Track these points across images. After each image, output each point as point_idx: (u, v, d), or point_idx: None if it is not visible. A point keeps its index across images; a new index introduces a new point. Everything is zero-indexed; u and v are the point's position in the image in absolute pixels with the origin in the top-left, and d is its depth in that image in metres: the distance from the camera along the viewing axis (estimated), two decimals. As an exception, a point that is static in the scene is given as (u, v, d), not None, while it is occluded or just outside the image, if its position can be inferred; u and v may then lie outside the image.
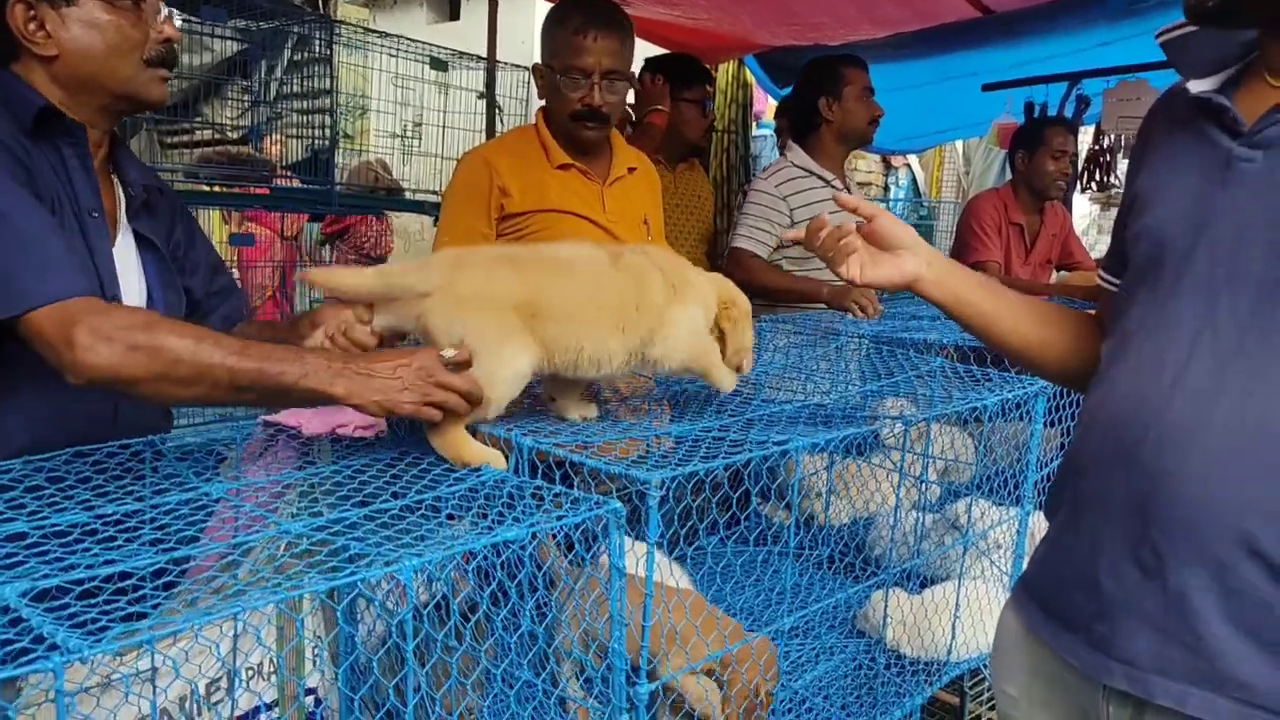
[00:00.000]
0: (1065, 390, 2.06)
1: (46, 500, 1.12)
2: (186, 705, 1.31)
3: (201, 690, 1.33)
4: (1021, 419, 1.90)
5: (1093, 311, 1.28)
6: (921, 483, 1.98)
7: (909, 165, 9.31)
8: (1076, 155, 3.86)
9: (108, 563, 0.93)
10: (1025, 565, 1.22)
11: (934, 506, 2.11)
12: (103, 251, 1.38)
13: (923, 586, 1.84)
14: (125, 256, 1.46)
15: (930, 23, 3.98)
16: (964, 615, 1.76)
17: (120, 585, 0.89)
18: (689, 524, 1.29)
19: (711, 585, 1.52)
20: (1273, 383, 0.91)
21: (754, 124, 5.99)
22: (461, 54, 3.94)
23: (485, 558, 1.21)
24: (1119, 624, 0.99)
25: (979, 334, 1.25)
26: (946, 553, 1.93)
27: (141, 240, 1.49)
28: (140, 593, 0.88)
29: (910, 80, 4.45)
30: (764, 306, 2.91)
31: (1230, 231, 0.96)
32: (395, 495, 1.15)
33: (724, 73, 5.52)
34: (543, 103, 2.33)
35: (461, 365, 1.23)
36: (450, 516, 1.17)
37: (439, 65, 3.87)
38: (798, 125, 3.25)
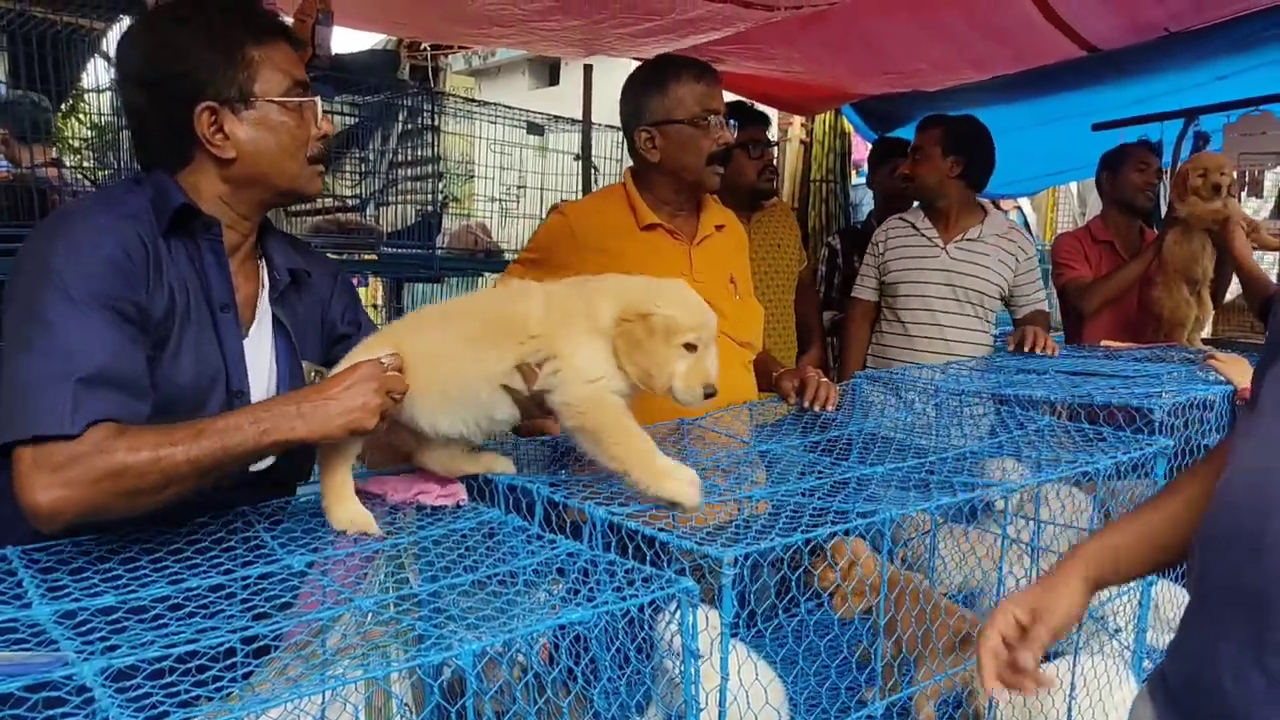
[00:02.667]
0: (1187, 449, 1.91)
1: (136, 573, 1.16)
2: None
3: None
4: (1141, 479, 1.77)
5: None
6: (1032, 550, 1.86)
7: (1020, 208, 9.03)
8: (1162, 171, 3.76)
9: (189, 641, 0.94)
10: (1150, 640, 1.12)
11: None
12: (232, 346, 1.43)
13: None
14: (259, 344, 1.50)
15: (1034, 64, 3.87)
16: (1080, 694, 1.63)
17: (192, 665, 0.90)
18: (767, 600, 1.24)
19: (793, 667, 1.45)
20: None
21: (854, 172, 5.92)
22: (558, 118, 4.03)
23: (558, 634, 1.18)
24: None
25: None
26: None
27: (278, 324, 1.54)
28: (210, 673, 0.88)
29: (1016, 123, 4.32)
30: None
31: None
32: (467, 569, 1.14)
33: (821, 122, 5.49)
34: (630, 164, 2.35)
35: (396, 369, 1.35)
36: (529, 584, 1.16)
37: (535, 130, 3.96)
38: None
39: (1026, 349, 2.67)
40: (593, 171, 4.29)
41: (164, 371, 1.34)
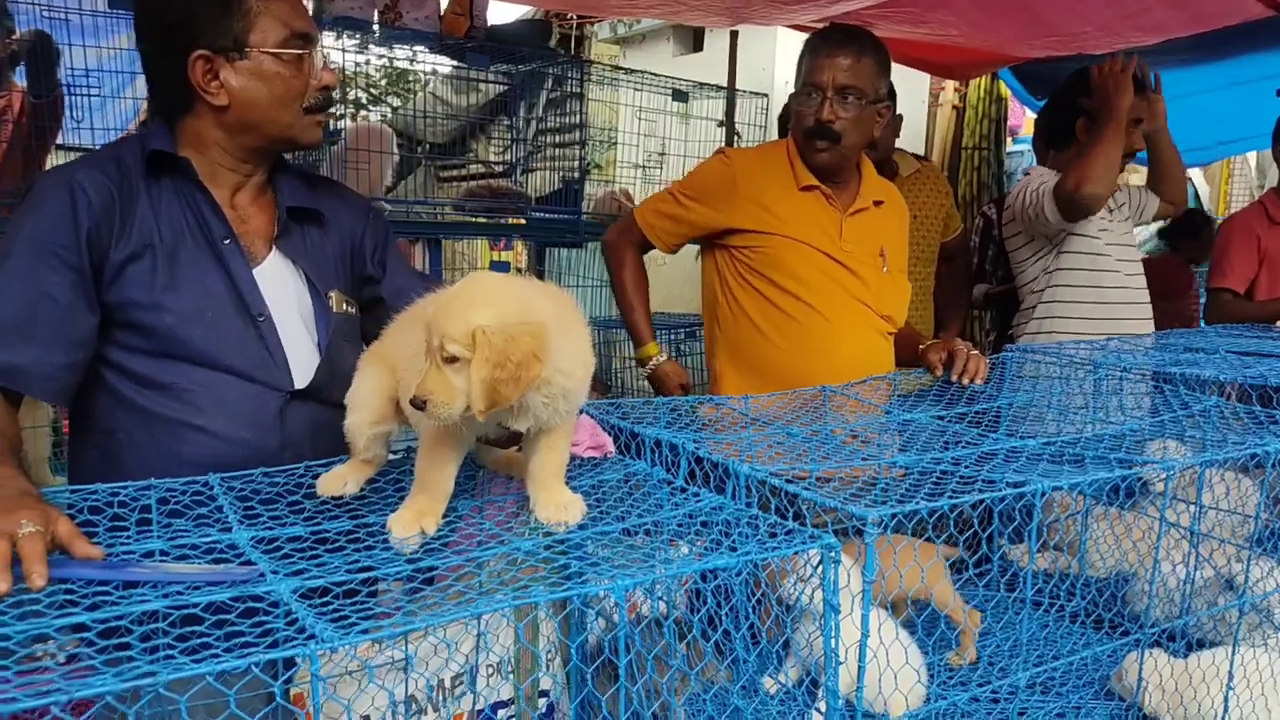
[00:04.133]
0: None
1: (320, 507, 1.26)
2: (433, 695, 1.42)
3: (446, 682, 1.44)
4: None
5: None
6: (1191, 535, 1.78)
7: (1190, 179, 8.44)
8: None
9: (365, 569, 1.03)
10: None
11: (1206, 563, 1.89)
12: (241, 274, 1.51)
13: (1190, 650, 1.65)
14: (277, 274, 1.57)
15: (1211, 26, 3.60)
16: (1239, 687, 1.56)
17: (372, 589, 0.99)
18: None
19: (934, 633, 1.44)
20: None
21: (1009, 139, 5.68)
22: (702, 85, 4.04)
23: (704, 580, 1.22)
24: None
25: None
26: (1220, 615, 1.73)
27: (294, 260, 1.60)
28: (386, 596, 0.97)
29: (1191, 87, 4.05)
30: None
31: None
32: (614, 519, 1.19)
33: (975, 87, 5.29)
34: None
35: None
36: (672, 541, 1.21)
37: (680, 97, 3.99)
38: (1051, 137, 3.06)
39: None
40: (735, 138, 4.29)
41: (162, 301, 1.44)
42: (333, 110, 1.77)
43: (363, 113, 5.68)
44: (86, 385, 1.46)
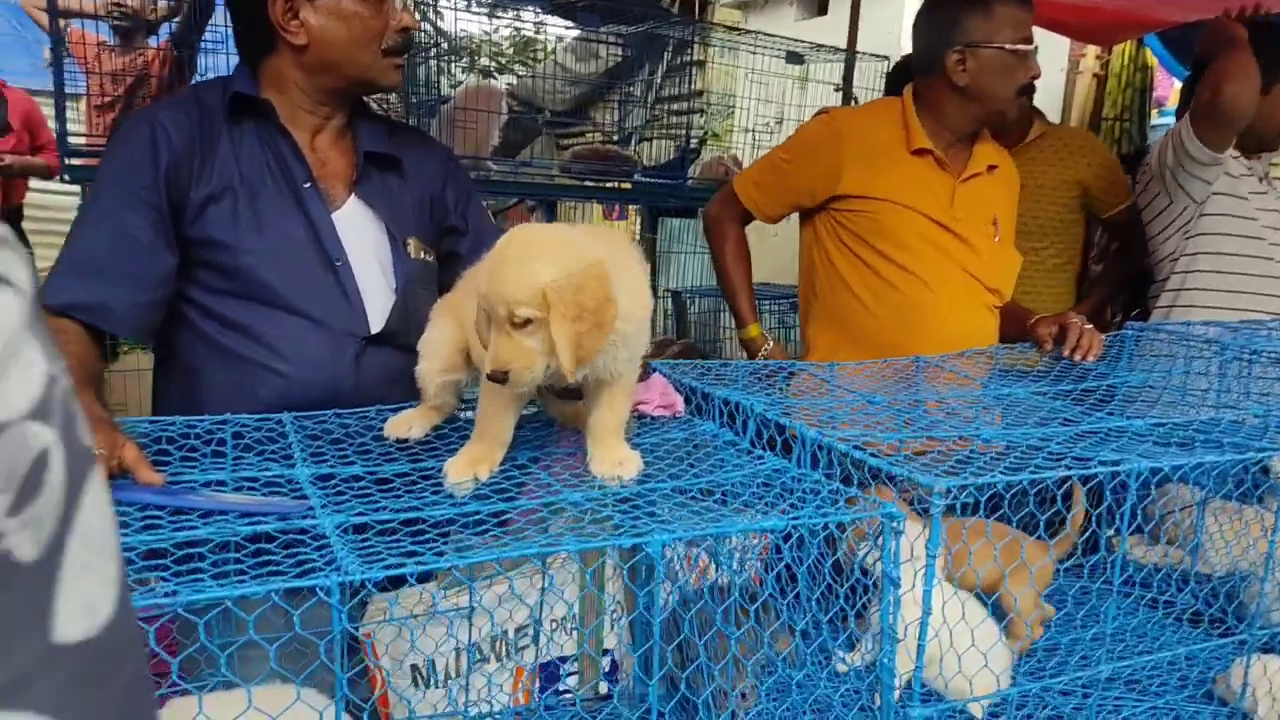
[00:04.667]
0: None
1: (383, 449, 1.28)
2: (496, 645, 1.43)
3: (510, 634, 1.44)
4: None
5: None
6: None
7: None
8: None
9: (410, 509, 1.04)
10: None
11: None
12: (320, 217, 1.53)
13: (1311, 658, 1.51)
14: (355, 219, 1.58)
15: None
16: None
17: (415, 530, 0.99)
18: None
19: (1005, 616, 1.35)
20: None
21: (1154, 111, 5.31)
22: (819, 47, 3.91)
23: (775, 554, 1.18)
24: None
25: None
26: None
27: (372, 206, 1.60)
28: (426, 537, 0.97)
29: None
30: None
31: None
32: (674, 475, 1.16)
33: (1119, 54, 4.95)
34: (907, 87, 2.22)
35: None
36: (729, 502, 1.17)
37: (795, 59, 3.87)
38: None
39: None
40: (854, 103, 4.14)
41: (243, 242, 1.47)
42: (454, 71, 1.77)
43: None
44: (171, 323, 1.52)
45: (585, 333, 1.02)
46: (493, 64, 6.35)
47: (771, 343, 2.34)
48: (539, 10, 3.48)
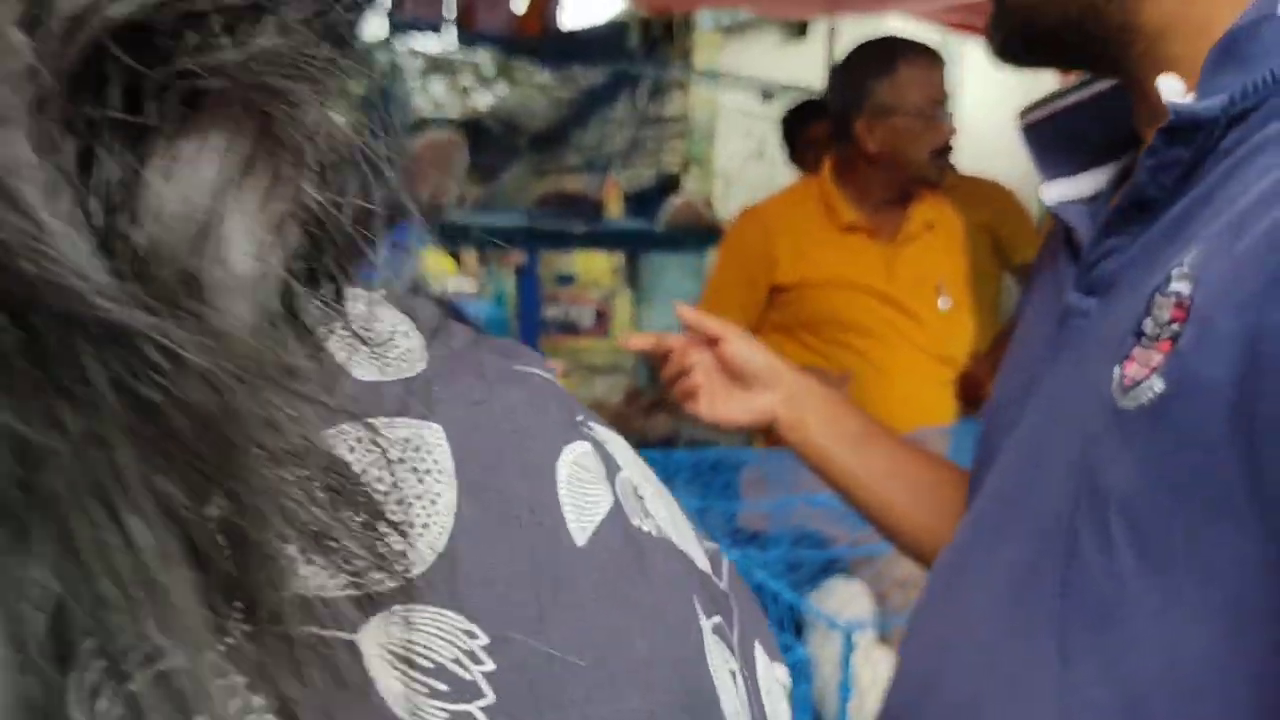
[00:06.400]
0: None
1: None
2: None
3: None
4: None
5: None
6: None
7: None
8: None
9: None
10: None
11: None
12: None
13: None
14: None
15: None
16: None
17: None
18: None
19: None
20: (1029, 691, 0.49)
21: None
22: (788, 89, 3.88)
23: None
24: None
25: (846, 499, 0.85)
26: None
27: None
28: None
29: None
30: None
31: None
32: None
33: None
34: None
35: None
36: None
37: (767, 97, 3.85)
38: None
39: None
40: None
41: None
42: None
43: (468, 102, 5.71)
44: None
45: None
46: (475, 85, 6.32)
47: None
48: (499, 51, 3.44)
